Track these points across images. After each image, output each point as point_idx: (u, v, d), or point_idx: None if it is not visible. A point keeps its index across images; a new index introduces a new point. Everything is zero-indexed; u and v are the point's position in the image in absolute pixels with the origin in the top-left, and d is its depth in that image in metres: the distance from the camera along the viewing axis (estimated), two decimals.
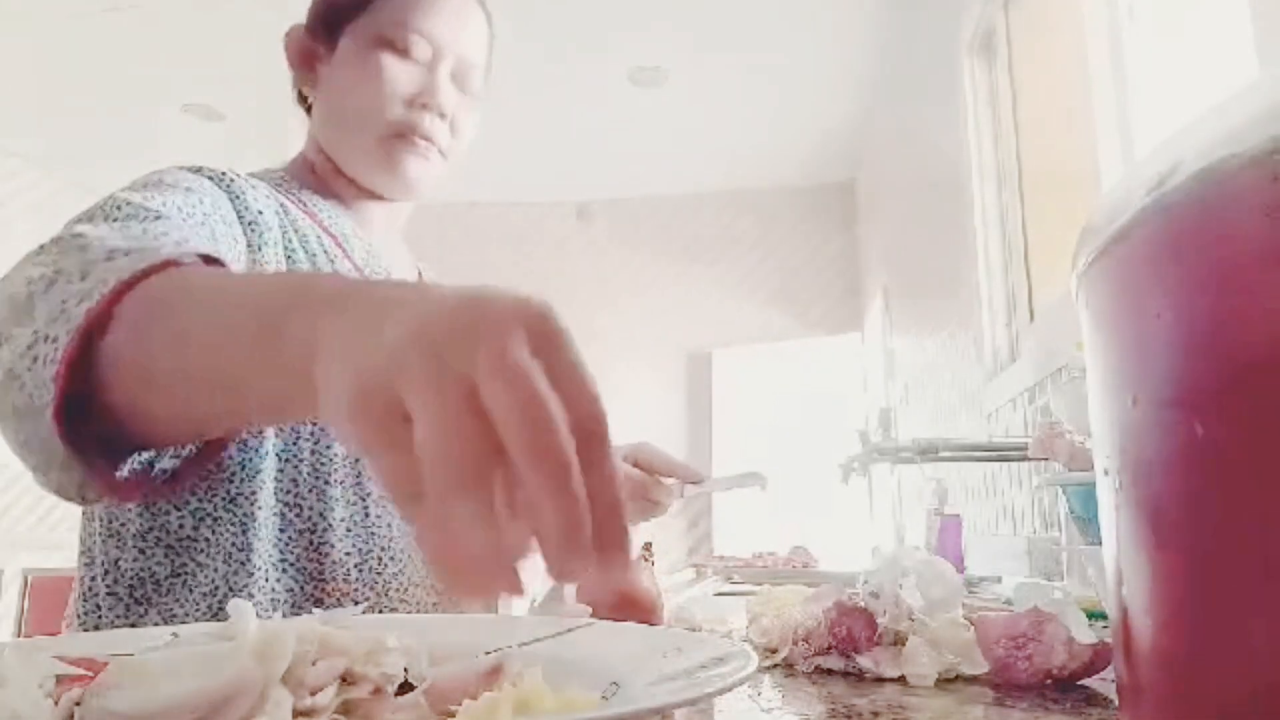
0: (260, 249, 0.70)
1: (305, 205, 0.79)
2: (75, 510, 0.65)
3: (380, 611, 0.72)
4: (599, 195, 4.63)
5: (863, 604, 0.53)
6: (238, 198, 0.70)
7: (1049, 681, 0.48)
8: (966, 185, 2.07)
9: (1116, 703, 0.42)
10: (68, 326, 0.44)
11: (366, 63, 0.77)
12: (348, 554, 0.72)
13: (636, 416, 4.41)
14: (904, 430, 3.02)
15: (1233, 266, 0.18)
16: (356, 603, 0.71)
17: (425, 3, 0.78)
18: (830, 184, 4.50)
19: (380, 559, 0.74)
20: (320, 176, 0.83)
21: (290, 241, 0.74)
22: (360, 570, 0.72)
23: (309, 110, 0.86)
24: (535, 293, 0.31)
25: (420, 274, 0.92)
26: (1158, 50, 1.19)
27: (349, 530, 0.72)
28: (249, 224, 0.70)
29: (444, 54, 0.79)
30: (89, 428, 0.47)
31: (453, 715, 0.28)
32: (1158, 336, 0.21)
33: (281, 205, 0.75)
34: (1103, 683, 0.49)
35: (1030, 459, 1.03)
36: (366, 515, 0.74)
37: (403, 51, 0.77)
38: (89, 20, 3.10)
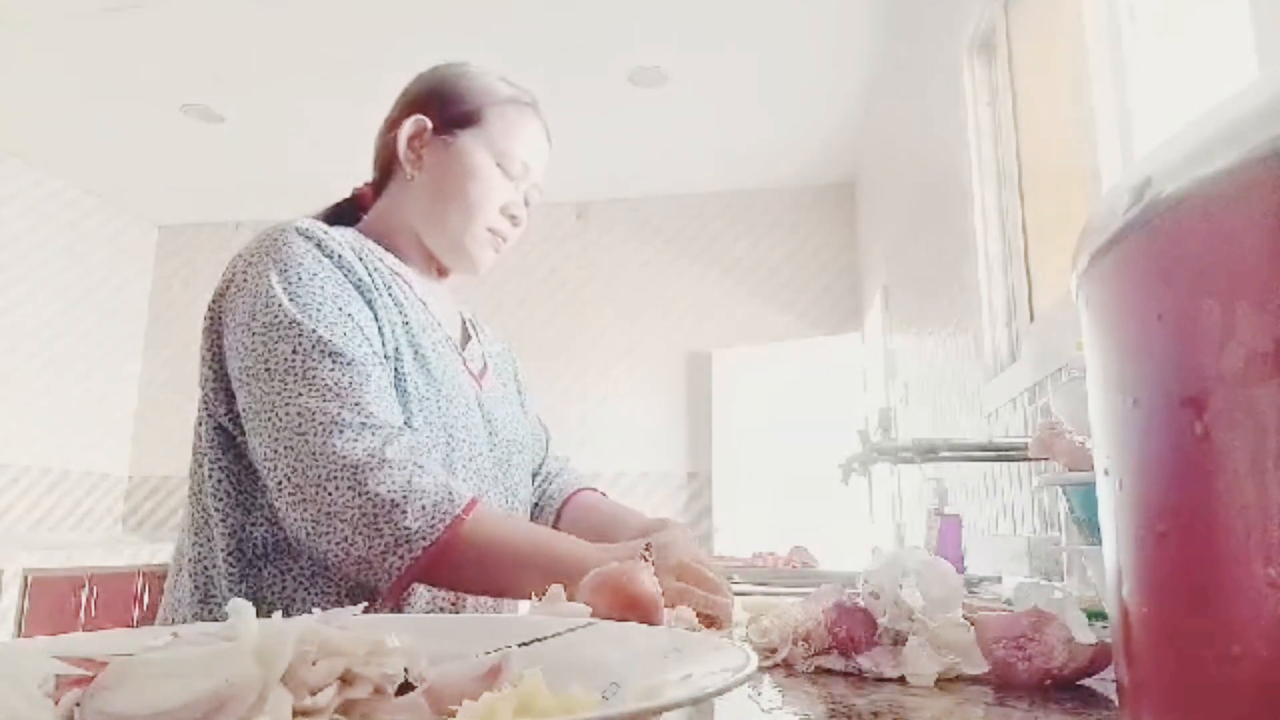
0: (377, 316, 0.85)
1: (398, 273, 0.94)
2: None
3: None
4: (599, 195, 4.63)
5: (863, 604, 0.53)
6: (359, 283, 0.85)
7: (1049, 681, 0.48)
8: (966, 185, 2.07)
9: (1116, 703, 0.42)
10: (412, 553, 0.73)
11: (480, 173, 0.95)
12: None
13: (637, 416, 4.41)
14: (904, 430, 3.02)
15: (1234, 266, 0.18)
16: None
17: (531, 139, 0.99)
18: (830, 184, 4.50)
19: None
20: (398, 242, 0.98)
21: (393, 310, 0.88)
22: None
23: (385, 176, 1.00)
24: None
25: (463, 316, 1.07)
26: (1158, 50, 1.19)
27: None
28: (368, 302, 0.85)
29: (530, 176, 0.99)
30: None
31: (453, 715, 0.28)
32: (1158, 336, 0.21)
33: (381, 274, 0.89)
34: (1103, 683, 0.49)
35: (1030, 459, 1.03)
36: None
37: (508, 173, 0.96)
38: (89, 20, 3.10)
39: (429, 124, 0.96)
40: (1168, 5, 1.18)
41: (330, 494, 0.73)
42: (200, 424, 0.86)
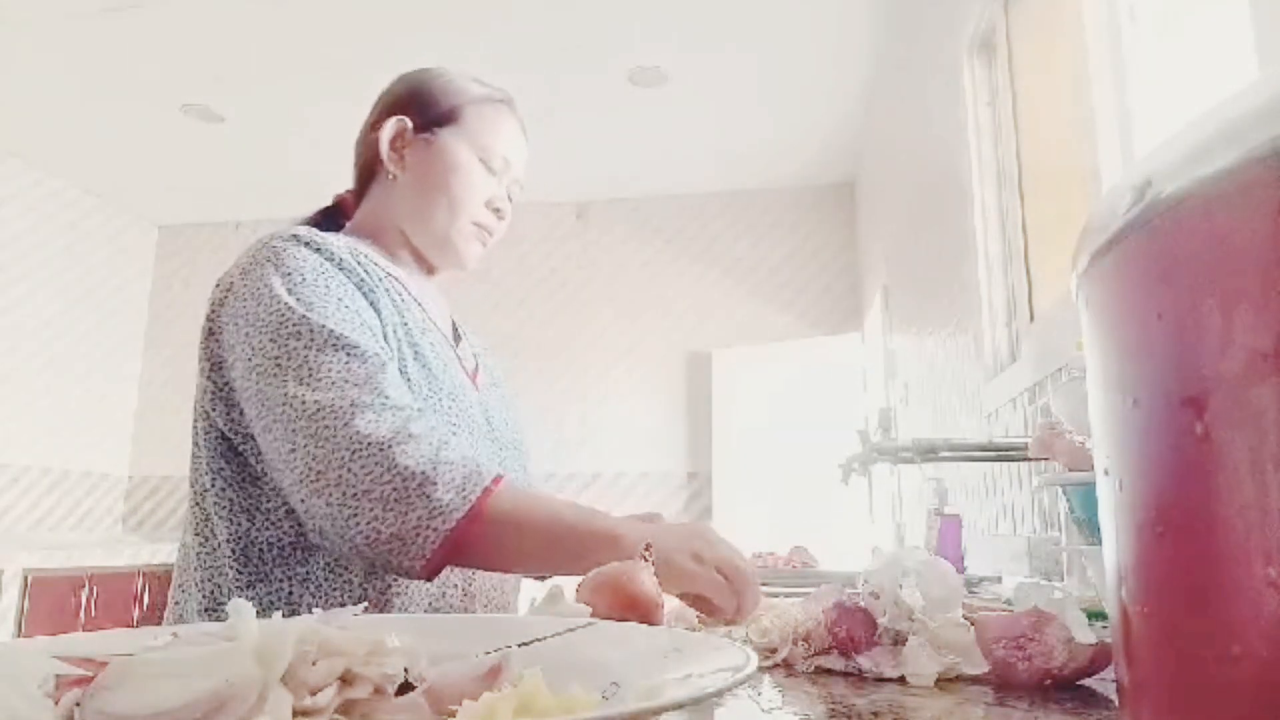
0: (380, 316, 0.86)
1: (393, 275, 0.94)
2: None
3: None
4: (599, 195, 4.63)
5: (863, 604, 0.53)
6: (360, 284, 0.86)
7: (1049, 681, 0.48)
8: (966, 185, 2.07)
9: (1116, 703, 0.42)
10: (446, 524, 0.71)
11: (462, 168, 0.96)
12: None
13: (637, 416, 4.41)
14: (904, 430, 3.02)
15: (1234, 266, 0.18)
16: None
17: (509, 134, 1.00)
18: (830, 184, 4.50)
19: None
20: (386, 243, 0.99)
21: (392, 311, 0.89)
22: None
23: (366, 180, 1.01)
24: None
25: (454, 322, 1.06)
26: (1158, 50, 1.19)
27: None
28: (371, 303, 0.86)
29: (511, 171, 1.01)
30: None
31: (453, 715, 0.28)
32: (1158, 336, 0.21)
33: (377, 278, 0.89)
34: (1103, 683, 0.49)
35: (1030, 459, 1.03)
36: None
37: (489, 167, 0.98)
38: (88, 20, 3.10)
39: (409, 124, 0.97)
40: (1168, 5, 1.18)
41: (356, 473, 0.72)
42: (201, 434, 0.85)
